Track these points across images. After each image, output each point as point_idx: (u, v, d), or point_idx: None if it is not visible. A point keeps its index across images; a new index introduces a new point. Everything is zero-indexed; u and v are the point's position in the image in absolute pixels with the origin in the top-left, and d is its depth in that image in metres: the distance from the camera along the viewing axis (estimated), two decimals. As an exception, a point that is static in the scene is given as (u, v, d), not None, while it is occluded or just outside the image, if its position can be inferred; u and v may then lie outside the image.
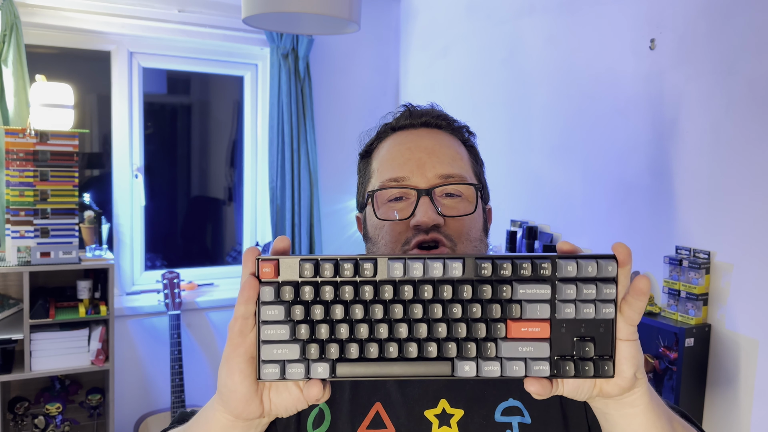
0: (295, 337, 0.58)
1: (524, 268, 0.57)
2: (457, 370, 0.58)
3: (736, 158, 1.70)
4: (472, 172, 0.88)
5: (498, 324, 0.58)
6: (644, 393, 0.62)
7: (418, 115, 0.90)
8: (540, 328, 0.58)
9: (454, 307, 0.58)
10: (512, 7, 2.59)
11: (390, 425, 0.79)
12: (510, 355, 0.58)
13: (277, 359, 0.58)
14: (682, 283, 1.80)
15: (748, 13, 1.67)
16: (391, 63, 3.49)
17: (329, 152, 3.32)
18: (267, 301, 0.57)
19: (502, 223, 2.60)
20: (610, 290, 0.57)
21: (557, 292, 0.58)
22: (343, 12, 1.90)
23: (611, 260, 0.57)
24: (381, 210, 0.85)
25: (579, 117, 2.25)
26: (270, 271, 0.58)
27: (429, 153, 0.84)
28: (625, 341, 0.58)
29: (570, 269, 0.57)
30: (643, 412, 0.62)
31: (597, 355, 0.58)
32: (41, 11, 2.69)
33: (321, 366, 0.58)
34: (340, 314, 0.58)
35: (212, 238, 3.56)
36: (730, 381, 1.73)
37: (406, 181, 0.83)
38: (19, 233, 2.46)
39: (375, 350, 0.58)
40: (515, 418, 0.79)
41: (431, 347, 0.58)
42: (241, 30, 3.02)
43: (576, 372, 0.58)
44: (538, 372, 0.58)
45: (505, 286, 0.58)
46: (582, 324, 0.58)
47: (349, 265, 0.58)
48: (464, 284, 0.58)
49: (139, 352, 2.99)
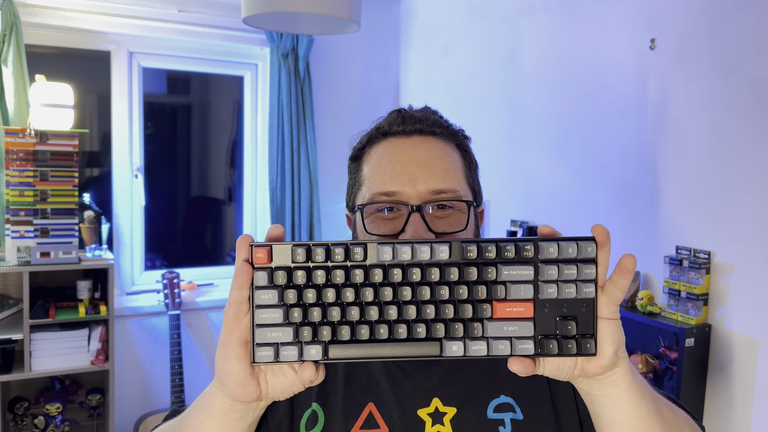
0: (288, 320, 0.60)
1: (508, 251, 0.60)
2: (445, 350, 0.60)
3: (736, 158, 1.70)
4: (465, 182, 0.86)
5: (484, 305, 0.60)
6: (626, 372, 0.63)
7: (411, 122, 0.87)
8: (524, 308, 0.60)
9: (442, 289, 0.60)
10: (512, 7, 2.59)
11: (383, 425, 0.79)
12: (496, 334, 0.60)
13: (271, 342, 0.59)
14: (682, 283, 1.80)
15: (748, 13, 1.67)
16: (391, 63, 3.49)
17: (329, 152, 3.32)
18: (261, 285, 0.59)
19: (502, 223, 2.60)
20: (590, 270, 0.59)
21: (540, 273, 0.60)
22: (343, 12, 1.90)
23: (590, 242, 0.60)
24: (370, 220, 0.84)
25: (579, 117, 2.25)
26: (263, 257, 0.59)
27: (421, 166, 0.82)
28: (606, 320, 0.60)
29: (551, 251, 0.59)
30: (625, 392, 0.64)
31: (579, 333, 0.60)
32: (41, 11, 2.69)
33: (314, 348, 0.59)
34: (332, 297, 0.59)
35: (212, 238, 3.56)
36: (730, 381, 1.73)
37: (397, 196, 0.81)
38: (19, 233, 2.46)
39: (366, 332, 0.60)
40: (507, 415, 0.80)
41: (420, 328, 0.60)
42: (241, 30, 3.02)
43: (559, 350, 0.60)
44: (523, 350, 0.60)
45: (490, 268, 0.60)
46: (564, 304, 0.60)
47: (340, 250, 0.59)
48: (451, 267, 0.60)
49: (139, 352, 2.99)
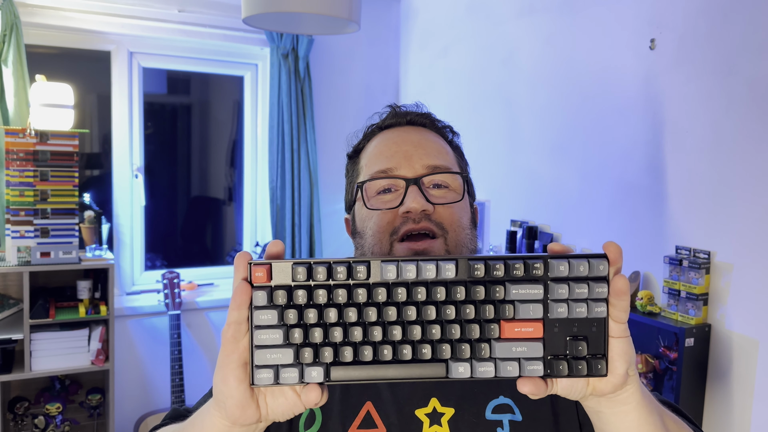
0: (288, 341, 0.57)
1: (516, 269, 0.57)
2: (451, 372, 0.58)
3: (736, 158, 1.70)
4: (458, 166, 0.90)
5: (491, 324, 0.58)
6: (636, 390, 0.62)
7: (403, 114, 0.92)
8: (533, 328, 0.58)
9: (448, 309, 0.58)
10: (512, 7, 2.59)
11: (381, 425, 0.79)
12: (504, 355, 0.58)
13: (271, 364, 0.57)
14: (682, 283, 1.80)
15: (748, 13, 1.67)
16: (391, 63, 3.49)
17: (329, 152, 3.32)
18: (260, 305, 0.57)
19: (502, 223, 2.60)
20: (602, 289, 0.57)
21: (549, 292, 0.58)
22: (343, 12, 1.90)
23: (602, 259, 0.58)
24: (370, 202, 0.86)
25: (579, 117, 2.25)
26: (262, 276, 0.57)
27: (415, 145, 0.86)
28: (617, 338, 0.59)
29: (562, 269, 0.57)
30: (635, 409, 0.63)
31: (590, 353, 0.58)
32: (41, 11, 2.69)
33: (315, 370, 0.57)
34: (334, 318, 0.57)
35: (212, 238, 3.56)
36: (730, 381, 1.73)
37: (394, 172, 0.84)
38: (19, 233, 2.46)
39: (369, 353, 0.57)
40: (506, 416, 0.79)
41: (425, 349, 0.58)
42: (241, 30, 3.02)
43: (569, 371, 0.58)
44: (532, 372, 0.58)
45: (498, 287, 0.58)
46: (574, 323, 0.58)
47: (342, 268, 0.57)
48: (457, 285, 0.58)
49: (139, 352, 2.99)
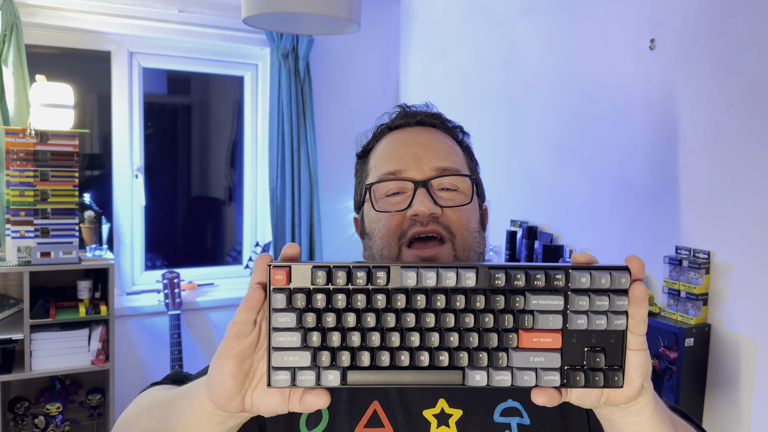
0: (306, 344, 0.57)
1: (538, 279, 0.57)
2: (468, 379, 0.58)
3: (736, 158, 1.70)
4: (467, 168, 0.89)
5: (510, 334, 0.58)
6: (650, 401, 0.62)
7: (413, 114, 0.91)
8: (552, 338, 0.58)
9: (467, 317, 0.57)
10: (512, 7, 2.59)
11: (387, 424, 0.79)
12: (521, 365, 0.58)
13: (288, 366, 0.57)
14: (682, 283, 1.80)
15: (748, 13, 1.67)
16: (391, 63, 3.49)
17: (329, 152, 3.32)
18: (278, 308, 0.57)
19: (502, 223, 2.60)
20: (623, 302, 0.57)
21: (570, 303, 0.58)
22: (343, 12, 1.90)
23: (624, 272, 0.57)
24: (379, 204, 0.85)
25: (579, 117, 2.25)
26: (282, 278, 0.57)
27: (425, 147, 0.85)
28: (635, 351, 0.58)
29: (584, 281, 0.57)
30: (648, 420, 0.63)
31: (607, 365, 0.58)
32: (41, 11, 2.69)
33: (332, 373, 0.57)
34: (352, 322, 0.57)
35: (212, 238, 3.56)
36: (729, 381, 1.73)
37: (403, 174, 0.83)
38: (19, 233, 2.46)
39: (386, 358, 0.58)
40: (514, 419, 0.79)
41: (443, 356, 0.58)
42: (241, 30, 3.02)
43: (586, 382, 0.58)
44: (549, 382, 0.58)
45: (518, 297, 0.57)
46: (593, 334, 0.58)
47: (362, 273, 0.57)
48: (477, 294, 0.57)
49: (139, 352, 2.99)
